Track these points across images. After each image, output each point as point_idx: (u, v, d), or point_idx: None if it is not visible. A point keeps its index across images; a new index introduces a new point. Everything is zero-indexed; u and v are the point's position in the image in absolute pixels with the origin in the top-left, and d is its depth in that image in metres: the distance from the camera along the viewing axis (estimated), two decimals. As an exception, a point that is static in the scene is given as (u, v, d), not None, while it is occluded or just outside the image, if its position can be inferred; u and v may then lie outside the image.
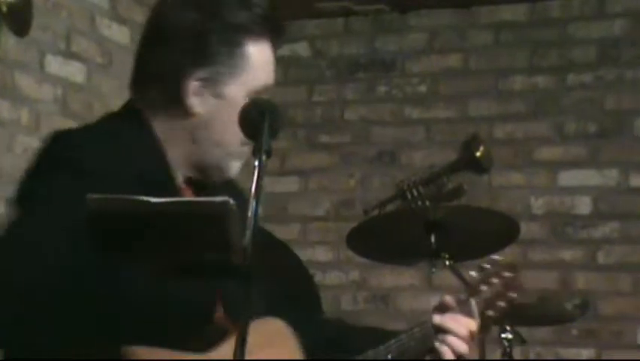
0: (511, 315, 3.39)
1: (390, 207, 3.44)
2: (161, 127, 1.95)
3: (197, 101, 1.93)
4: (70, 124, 3.82)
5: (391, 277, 4.66)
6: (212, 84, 1.93)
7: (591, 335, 4.51)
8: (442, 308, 2.20)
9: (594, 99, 4.62)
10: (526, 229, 4.08)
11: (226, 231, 1.69)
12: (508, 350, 3.67)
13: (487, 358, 3.76)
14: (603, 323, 4.50)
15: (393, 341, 2.14)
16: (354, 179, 4.83)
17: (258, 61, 1.99)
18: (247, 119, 1.89)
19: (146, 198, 1.69)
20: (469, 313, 2.17)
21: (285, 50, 5.05)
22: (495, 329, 3.65)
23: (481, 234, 3.34)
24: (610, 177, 4.57)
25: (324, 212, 4.84)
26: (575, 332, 4.49)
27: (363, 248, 3.38)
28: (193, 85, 1.92)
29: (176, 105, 1.93)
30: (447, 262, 3.34)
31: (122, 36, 4.13)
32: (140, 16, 4.24)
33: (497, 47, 4.79)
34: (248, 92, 2.00)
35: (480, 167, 3.37)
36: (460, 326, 2.14)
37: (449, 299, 2.21)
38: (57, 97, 3.80)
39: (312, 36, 5.04)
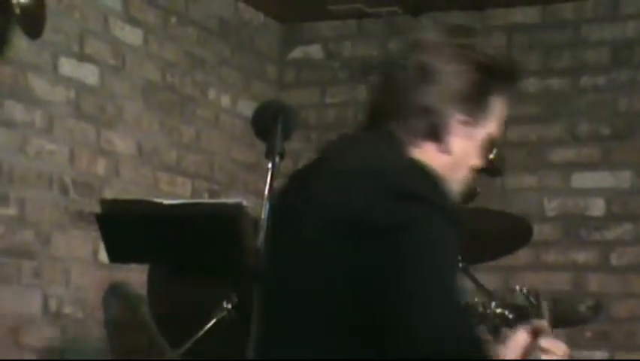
0: (522, 317, 3.46)
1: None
2: (419, 157, 2.08)
3: (454, 140, 2.07)
4: (83, 126, 3.86)
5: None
6: (468, 126, 2.08)
7: (604, 337, 4.48)
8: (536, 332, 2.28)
9: (607, 101, 4.60)
10: (540, 230, 4.12)
11: (239, 232, 1.68)
12: None
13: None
14: (616, 324, 4.48)
15: None
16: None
17: (500, 111, 2.15)
18: (260, 121, 1.90)
19: (158, 200, 1.68)
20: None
21: (298, 52, 5.05)
22: (507, 330, 3.68)
23: (494, 236, 3.33)
24: (623, 178, 4.54)
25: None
26: (588, 333, 4.47)
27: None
28: (455, 124, 2.06)
29: (437, 141, 2.07)
30: (460, 265, 3.33)
31: (135, 38, 4.13)
32: (153, 17, 4.26)
33: (510, 49, 4.74)
34: (489, 139, 2.14)
35: (493, 169, 3.36)
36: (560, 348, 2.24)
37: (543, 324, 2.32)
38: (70, 99, 3.79)
39: (325, 38, 5.02)
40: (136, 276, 3.45)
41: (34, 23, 2.94)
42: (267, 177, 1.90)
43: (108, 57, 3.99)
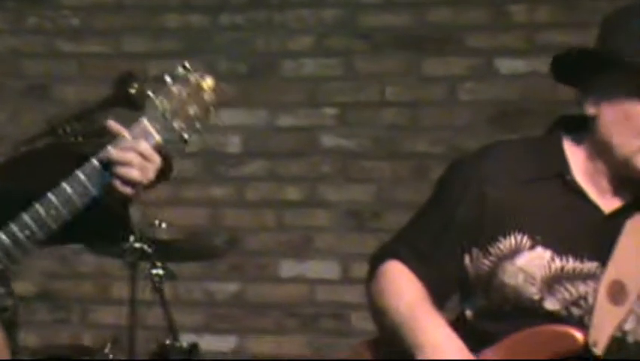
0: (161, 251, 3.62)
1: (41, 143, 3.33)
2: None
3: None
4: None
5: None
6: None
7: (237, 269, 4.60)
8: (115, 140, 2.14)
9: (245, 40, 4.66)
10: (180, 166, 4.00)
11: None
12: (158, 285, 3.73)
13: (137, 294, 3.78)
14: (249, 257, 4.61)
15: (58, 188, 2.12)
16: (3, 113, 4.67)
17: None
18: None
19: None
20: (140, 134, 2.11)
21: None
22: (145, 264, 3.71)
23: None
24: (259, 116, 4.64)
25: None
26: (222, 266, 4.56)
27: (13, 184, 3.23)
28: None
29: None
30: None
31: None
32: None
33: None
34: None
35: (134, 104, 3.31)
36: (126, 153, 2.07)
37: (112, 125, 2.18)
38: None
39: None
40: None
41: None
42: None
43: None
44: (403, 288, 2.22)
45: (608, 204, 2.19)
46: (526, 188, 2.19)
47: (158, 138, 2.10)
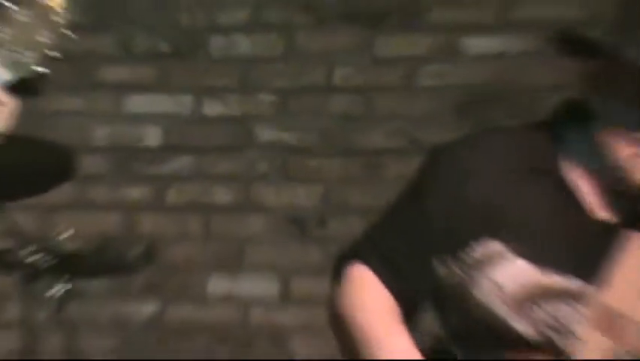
0: (62, 265, 3.63)
1: None
2: None
3: None
4: None
5: None
6: None
7: (156, 287, 4.50)
8: None
9: (167, 12, 4.54)
10: (86, 163, 4.04)
11: None
12: (59, 306, 3.66)
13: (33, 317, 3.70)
14: (170, 272, 4.50)
15: None
16: None
17: None
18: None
19: None
20: None
21: None
22: (44, 282, 3.65)
23: (30, 169, 3.25)
24: (182, 103, 4.54)
25: None
26: (138, 283, 4.47)
27: None
28: None
29: None
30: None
31: None
32: None
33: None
34: None
35: (28, 89, 3.25)
36: None
37: None
38: None
39: None
40: None
41: None
42: None
43: None
44: (367, 301, 2.18)
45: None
46: (512, 187, 2.12)
47: (5, 75, 1.94)
